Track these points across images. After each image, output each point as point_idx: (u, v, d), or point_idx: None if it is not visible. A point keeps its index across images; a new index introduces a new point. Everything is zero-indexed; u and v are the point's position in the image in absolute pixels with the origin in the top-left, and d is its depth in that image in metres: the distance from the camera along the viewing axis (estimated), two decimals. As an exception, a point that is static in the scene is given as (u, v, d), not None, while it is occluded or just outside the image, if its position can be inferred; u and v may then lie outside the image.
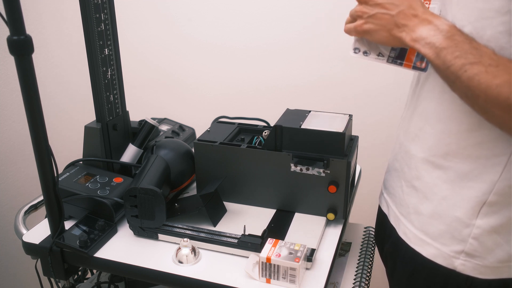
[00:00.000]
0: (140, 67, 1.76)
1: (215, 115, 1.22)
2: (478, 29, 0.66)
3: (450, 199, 0.76)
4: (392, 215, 0.90)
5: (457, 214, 0.75)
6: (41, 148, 0.82)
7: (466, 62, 0.63)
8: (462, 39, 0.65)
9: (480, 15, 0.65)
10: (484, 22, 0.65)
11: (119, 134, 1.10)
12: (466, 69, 0.63)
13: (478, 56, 0.63)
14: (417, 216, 0.81)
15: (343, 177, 0.91)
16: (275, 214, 0.98)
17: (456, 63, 0.64)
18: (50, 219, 0.89)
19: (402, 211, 0.85)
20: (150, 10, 1.71)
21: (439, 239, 0.78)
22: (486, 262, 0.75)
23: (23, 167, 1.55)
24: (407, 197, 0.84)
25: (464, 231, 0.75)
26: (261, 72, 1.62)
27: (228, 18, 1.63)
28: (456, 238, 0.76)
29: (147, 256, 0.88)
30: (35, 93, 0.79)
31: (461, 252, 0.76)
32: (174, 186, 1.02)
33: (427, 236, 0.80)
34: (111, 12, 1.03)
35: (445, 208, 0.76)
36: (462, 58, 0.64)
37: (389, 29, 0.72)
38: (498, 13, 0.63)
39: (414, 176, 0.82)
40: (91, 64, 1.01)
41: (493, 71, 0.61)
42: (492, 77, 0.61)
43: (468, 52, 0.64)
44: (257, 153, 0.96)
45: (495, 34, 0.64)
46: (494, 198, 0.72)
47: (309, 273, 0.83)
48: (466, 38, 0.65)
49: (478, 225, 0.74)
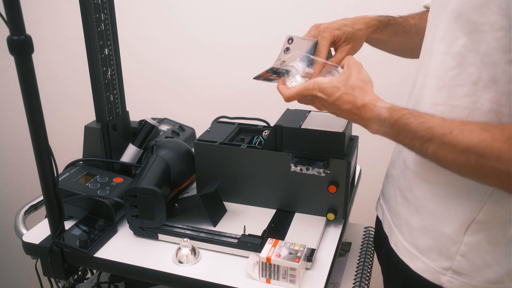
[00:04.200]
0: (140, 67, 1.76)
1: (215, 115, 1.22)
2: (473, 42, 0.64)
3: (439, 214, 0.74)
4: (386, 223, 0.88)
5: (445, 230, 0.73)
6: (41, 148, 0.82)
7: (423, 140, 0.63)
8: (405, 119, 0.65)
9: (475, 28, 0.63)
10: (479, 36, 0.63)
11: (119, 134, 1.10)
12: (427, 147, 0.63)
13: (429, 131, 0.63)
14: (408, 228, 0.79)
15: (343, 177, 0.91)
16: (275, 214, 0.98)
17: (415, 144, 0.65)
18: (50, 219, 0.89)
19: (395, 220, 0.84)
20: (150, 10, 1.71)
21: (427, 254, 0.76)
22: (474, 281, 0.72)
23: (23, 167, 1.55)
24: (400, 208, 0.82)
25: (452, 248, 0.73)
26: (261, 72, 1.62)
27: (228, 17, 1.63)
28: (444, 254, 0.74)
29: (147, 256, 0.88)
30: (35, 93, 0.79)
31: (448, 269, 0.74)
32: (174, 186, 1.02)
33: (416, 250, 0.78)
34: (111, 12, 1.03)
35: (434, 223, 0.74)
36: (417, 139, 0.64)
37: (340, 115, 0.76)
38: (493, 28, 0.61)
39: (408, 187, 0.80)
40: (91, 64, 1.01)
41: (450, 140, 0.61)
42: (452, 147, 0.61)
43: (418, 130, 0.64)
44: (257, 153, 0.96)
45: (490, 50, 0.62)
46: (483, 216, 0.69)
47: (309, 273, 0.83)
48: (408, 115, 0.66)
49: (466, 242, 0.71)
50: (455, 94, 0.67)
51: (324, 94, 0.75)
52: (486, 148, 0.58)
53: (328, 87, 0.74)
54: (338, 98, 0.73)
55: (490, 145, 0.58)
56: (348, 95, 0.72)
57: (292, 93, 0.79)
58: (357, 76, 0.73)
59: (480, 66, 0.64)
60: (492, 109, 0.64)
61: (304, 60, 0.83)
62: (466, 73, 0.65)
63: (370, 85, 0.73)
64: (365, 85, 0.73)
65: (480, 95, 0.65)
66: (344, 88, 0.73)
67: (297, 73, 0.82)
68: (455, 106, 0.68)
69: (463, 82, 0.66)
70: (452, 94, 0.68)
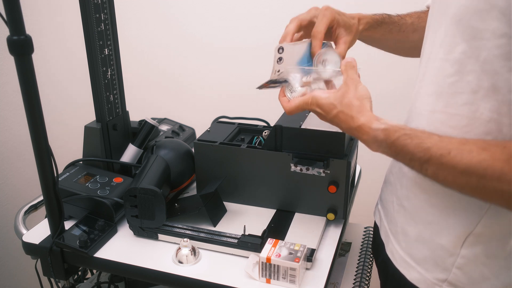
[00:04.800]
0: (140, 67, 1.76)
1: (215, 115, 1.22)
2: (473, 49, 0.62)
3: (436, 224, 0.72)
4: (383, 230, 0.87)
5: (442, 241, 0.71)
6: (41, 148, 0.82)
7: (422, 162, 0.61)
8: (402, 140, 0.64)
9: (475, 34, 0.61)
10: (479, 43, 0.61)
11: (119, 134, 1.10)
12: (426, 168, 0.61)
13: (427, 152, 0.61)
14: (404, 237, 0.78)
15: (343, 177, 0.91)
16: (275, 214, 0.98)
17: (414, 165, 0.63)
18: (50, 219, 0.89)
19: (392, 228, 0.82)
20: (150, 10, 1.71)
21: (423, 264, 0.74)
22: None
23: (23, 167, 1.55)
24: (396, 215, 0.80)
25: (448, 260, 0.71)
26: (261, 72, 1.62)
27: (228, 18, 1.63)
28: (440, 266, 0.72)
29: (147, 256, 0.88)
30: (35, 93, 0.79)
31: (444, 281, 0.72)
32: (174, 186, 1.02)
33: (412, 260, 0.76)
34: (111, 12, 1.03)
35: (430, 233, 0.73)
36: (415, 161, 0.62)
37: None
38: (494, 34, 0.59)
39: (405, 195, 0.78)
40: (91, 64, 1.01)
41: (449, 161, 0.59)
42: (452, 168, 0.58)
43: (416, 152, 0.62)
44: (257, 153, 0.96)
45: (490, 57, 0.60)
46: (481, 229, 0.67)
47: (309, 273, 0.83)
48: (404, 136, 0.64)
49: (463, 255, 0.69)
50: (454, 102, 0.65)
51: (322, 110, 0.74)
52: (486, 168, 0.56)
53: (325, 103, 0.73)
54: (335, 116, 0.72)
55: (491, 165, 0.56)
56: (344, 114, 0.71)
57: (292, 107, 0.78)
58: (354, 93, 0.71)
59: (480, 74, 0.62)
60: (492, 119, 0.62)
61: (299, 71, 0.81)
62: (466, 81, 0.63)
63: (367, 102, 0.71)
64: (361, 103, 0.70)
65: (479, 104, 0.63)
66: (340, 106, 0.71)
67: (296, 84, 0.81)
68: (454, 115, 0.66)
69: (462, 90, 0.64)
70: (450, 102, 0.66)
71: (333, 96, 0.73)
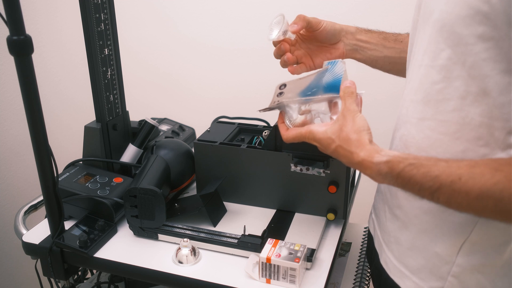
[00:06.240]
0: (140, 67, 1.76)
1: (215, 115, 1.22)
2: (458, 55, 0.61)
3: (430, 232, 0.70)
4: (376, 239, 0.85)
5: (437, 249, 0.69)
6: (41, 148, 0.82)
7: (432, 191, 0.59)
8: (407, 171, 0.61)
9: (460, 40, 0.60)
10: (464, 48, 0.60)
11: (119, 134, 1.10)
12: (437, 196, 0.59)
13: (436, 180, 0.58)
14: (398, 246, 0.76)
15: (343, 177, 0.91)
16: (275, 214, 0.98)
17: (425, 195, 0.61)
18: (50, 219, 0.89)
19: (385, 237, 0.81)
20: (150, 10, 1.71)
21: (417, 273, 0.72)
22: None
23: (23, 167, 1.55)
24: (389, 224, 0.78)
25: (443, 268, 0.69)
26: (261, 72, 1.62)
27: (228, 19, 1.63)
28: (435, 275, 0.70)
29: (147, 256, 0.88)
30: (35, 92, 0.79)
31: None
32: (174, 186, 1.02)
33: (406, 269, 0.74)
34: (111, 12, 1.03)
35: (425, 241, 0.71)
36: (425, 190, 0.60)
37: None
38: (480, 39, 0.58)
39: (396, 204, 0.76)
40: (91, 64, 1.01)
41: (461, 187, 0.56)
42: (465, 194, 0.56)
43: (424, 182, 0.60)
44: (257, 153, 0.96)
45: (478, 61, 0.59)
46: (476, 237, 0.66)
47: (309, 273, 0.83)
48: (409, 166, 0.61)
49: (459, 263, 0.68)
50: (443, 108, 0.64)
51: (320, 144, 0.73)
52: (502, 190, 0.53)
53: (322, 138, 0.72)
54: (334, 150, 0.71)
55: (507, 187, 0.53)
56: (343, 149, 0.69)
57: (289, 137, 0.78)
58: (351, 126, 0.69)
59: (467, 79, 0.61)
60: (483, 123, 0.61)
61: (298, 102, 0.80)
62: (453, 87, 0.62)
63: (365, 135, 0.68)
64: (359, 136, 0.68)
65: (469, 109, 0.62)
66: (338, 140, 0.69)
67: (294, 114, 0.79)
68: (443, 121, 0.65)
69: (450, 97, 0.63)
70: (439, 109, 0.65)
71: (331, 130, 0.71)
